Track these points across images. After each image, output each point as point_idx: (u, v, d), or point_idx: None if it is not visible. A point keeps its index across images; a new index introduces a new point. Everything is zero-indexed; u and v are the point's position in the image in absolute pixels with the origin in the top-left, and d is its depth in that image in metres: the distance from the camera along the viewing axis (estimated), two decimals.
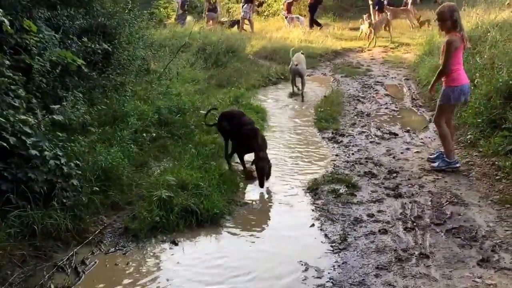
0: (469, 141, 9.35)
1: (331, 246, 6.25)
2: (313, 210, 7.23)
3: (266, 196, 7.84)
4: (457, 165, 8.38)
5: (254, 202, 7.63)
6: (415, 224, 6.63)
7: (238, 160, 8.70)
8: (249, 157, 8.34)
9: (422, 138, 10.26)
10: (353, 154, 9.41)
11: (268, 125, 11.61)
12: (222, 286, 5.53)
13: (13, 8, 8.98)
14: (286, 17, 26.77)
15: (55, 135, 7.49)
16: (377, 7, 24.97)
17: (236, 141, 8.61)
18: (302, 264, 5.85)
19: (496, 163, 8.26)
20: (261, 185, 7.84)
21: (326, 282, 5.48)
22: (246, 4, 25.78)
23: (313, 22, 26.36)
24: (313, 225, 6.82)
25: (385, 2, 25.32)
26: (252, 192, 7.98)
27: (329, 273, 5.66)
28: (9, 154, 6.38)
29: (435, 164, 8.49)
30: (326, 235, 6.52)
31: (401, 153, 9.44)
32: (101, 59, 10.81)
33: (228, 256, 6.22)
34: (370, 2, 25.13)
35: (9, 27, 6.88)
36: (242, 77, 15.69)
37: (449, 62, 7.95)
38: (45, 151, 6.64)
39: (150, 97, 11.29)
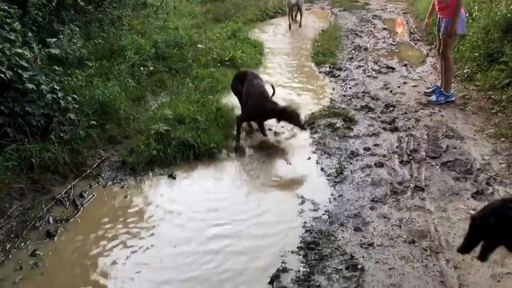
0: (466, 75, 9.18)
1: (328, 180, 6.17)
2: (309, 144, 7.13)
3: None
4: (454, 98, 8.27)
5: (251, 137, 7.51)
6: (410, 157, 6.55)
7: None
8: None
9: (419, 72, 10.06)
10: (350, 88, 9.25)
11: (265, 59, 11.39)
12: (219, 217, 5.48)
13: None
14: None
15: (51, 69, 7.35)
16: None
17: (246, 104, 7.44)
18: (298, 197, 5.79)
19: (492, 96, 8.13)
20: (303, 127, 7.08)
21: (322, 214, 5.42)
22: None
23: None
24: (309, 158, 6.74)
25: None
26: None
27: (325, 206, 5.59)
28: (6, 88, 6.24)
29: (433, 98, 8.34)
30: (322, 169, 6.43)
31: (398, 87, 9.27)
32: None
33: (224, 189, 6.16)
34: None
35: None
36: (239, 11, 15.35)
37: None
38: (42, 85, 6.49)
39: (147, 31, 11.04)
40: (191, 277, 4.60)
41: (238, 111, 7.74)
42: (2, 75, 6.09)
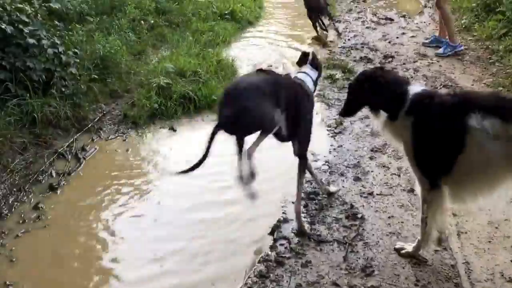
0: (463, 26, 8.97)
1: (327, 130, 6.03)
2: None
3: None
4: (462, 47, 7.99)
5: None
6: None
7: None
8: None
9: (417, 23, 9.83)
10: (349, 40, 9.04)
11: (265, 13, 11.17)
12: (220, 169, 5.36)
13: None
14: None
15: (52, 24, 7.14)
16: None
17: None
18: None
19: (490, 46, 7.96)
20: None
21: (322, 165, 5.30)
22: None
23: None
24: None
25: None
26: None
27: (325, 156, 5.46)
28: (7, 43, 6.04)
29: (441, 51, 8.04)
30: (322, 120, 6.29)
31: (397, 38, 9.06)
32: None
33: (226, 140, 6.02)
34: None
35: None
36: None
37: None
38: (43, 40, 6.28)
39: None
40: (193, 229, 4.51)
41: (239, 62, 7.64)
42: (2, 32, 5.89)
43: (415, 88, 3.60)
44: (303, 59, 4.73)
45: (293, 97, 4.15)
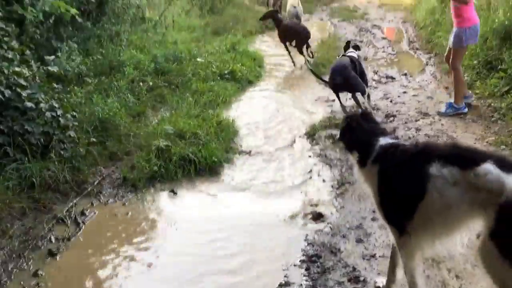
0: (465, 83, 9.19)
1: (330, 191, 6.19)
2: (310, 156, 7.15)
3: (264, 143, 7.74)
4: (466, 110, 8.12)
5: (252, 150, 7.52)
6: None
7: None
8: None
9: (419, 81, 10.10)
10: (350, 98, 9.27)
11: (265, 72, 11.45)
12: (220, 233, 5.51)
13: None
14: None
15: (50, 86, 7.38)
16: None
17: None
18: (300, 210, 5.81)
19: (492, 104, 8.15)
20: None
21: (324, 227, 5.44)
22: None
23: None
24: (310, 171, 6.76)
25: None
26: (250, 139, 7.88)
27: (327, 217, 5.62)
28: (5, 107, 6.28)
29: (443, 110, 8.22)
30: (324, 180, 6.46)
31: (398, 96, 9.31)
32: (95, 8, 10.59)
33: (226, 205, 6.17)
34: None
35: None
36: (238, 24, 15.44)
37: None
38: (41, 103, 6.54)
39: (146, 46, 11.12)
40: None
41: (240, 123, 7.87)
42: (1, 95, 6.13)
43: (384, 139, 4.02)
44: (347, 45, 9.23)
45: (357, 64, 8.50)
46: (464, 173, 3.44)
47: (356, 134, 4.19)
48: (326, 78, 8.71)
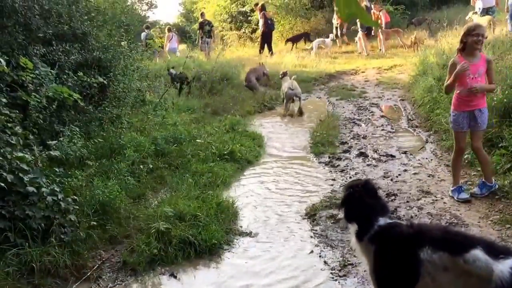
0: (466, 161, 9.27)
1: (331, 273, 6.19)
2: (311, 237, 7.17)
3: (264, 224, 7.76)
4: (496, 186, 8.00)
5: (252, 231, 7.53)
6: None
7: None
8: None
9: (419, 159, 10.20)
10: (350, 178, 9.36)
11: (265, 152, 11.58)
12: None
13: (9, 46, 9.03)
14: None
15: (52, 170, 7.50)
16: (366, 31, 25.05)
17: None
18: None
19: (495, 182, 8.19)
20: None
21: None
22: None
23: (265, 48, 27.07)
24: (311, 252, 6.76)
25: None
26: (250, 221, 7.90)
27: None
28: (7, 192, 6.37)
29: (477, 191, 8.03)
30: (325, 262, 6.46)
31: (399, 175, 9.39)
32: (97, 92, 10.84)
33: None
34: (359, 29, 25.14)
35: (5, 66, 6.94)
36: (237, 104, 15.75)
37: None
38: (42, 187, 6.63)
39: (146, 128, 11.34)
40: None
41: (239, 203, 7.90)
42: (2, 180, 6.21)
43: (383, 219, 4.23)
44: None
45: None
46: (454, 259, 3.60)
47: (357, 207, 4.36)
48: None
